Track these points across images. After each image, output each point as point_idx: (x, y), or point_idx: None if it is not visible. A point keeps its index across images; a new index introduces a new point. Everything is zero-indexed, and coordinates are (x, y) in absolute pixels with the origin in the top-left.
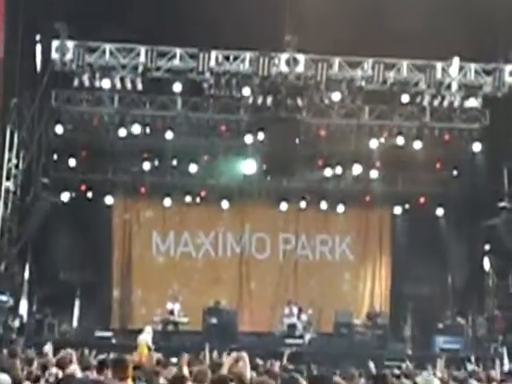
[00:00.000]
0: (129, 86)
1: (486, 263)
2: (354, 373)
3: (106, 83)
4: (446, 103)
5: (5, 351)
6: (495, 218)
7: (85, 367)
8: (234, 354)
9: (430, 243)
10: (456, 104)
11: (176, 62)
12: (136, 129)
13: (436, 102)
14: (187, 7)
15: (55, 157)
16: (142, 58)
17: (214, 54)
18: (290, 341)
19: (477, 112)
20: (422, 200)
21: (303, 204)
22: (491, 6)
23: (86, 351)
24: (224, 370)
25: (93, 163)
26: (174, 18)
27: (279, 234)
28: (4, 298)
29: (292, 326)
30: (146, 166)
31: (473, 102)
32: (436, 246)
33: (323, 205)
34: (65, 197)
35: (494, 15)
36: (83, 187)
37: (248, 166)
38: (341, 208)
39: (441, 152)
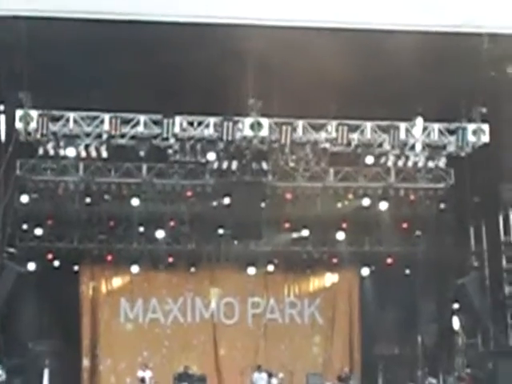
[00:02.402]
0: (93, 153)
1: (456, 322)
2: None
3: (70, 151)
4: (410, 163)
5: None
6: (463, 276)
7: None
8: None
9: (399, 303)
10: (420, 164)
11: (140, 128)
12: (102, 196)
13: (400, 163)
14: (150, 74)
15: (21, 226)
16: (106, 126)
17: (178, 119)
18: None
19: (441, 171)
20: (389, 260)
21: (271, 267)
22: (452, 66)
23: None
24: None
25: (59, 232)
26: (137, 85)
27: (248, 298)
28: None
29: None
30: (112, 233)
31: (437, 162)
32: (405, 306)
33: (291, 268)
34: (31, 266)
35: (455, 75)
36: (50, 256)
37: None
38: (308, 270)
39: (407, 212)
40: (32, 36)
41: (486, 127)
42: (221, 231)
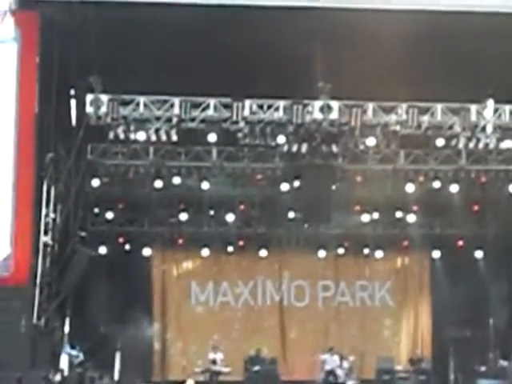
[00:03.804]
0: (163, 137)
1: None
2: None
3: (140, 135)
4: (481, 145)
5: None
6: None
7: None
8: None
9: (470, 286)
10: (491, 146)
11: (210, 112)
12: (172, 180)
13: (471, 145)
14: (220, 57)
15: (92, 210)
16: (176, 110)
17: (247, 103)
18: None
19: None
20: (460, 243)
21: (341, 250)
22: None
23: None
24: None
25: (130, 215)
26: (207, 68)
27: (318, 281)
28: (74, 352)
29: (333, 374)
30: (183, 216)
31: (508, 144)
32: (476, 288)
33: (361, 251)
34: (103, 250)
35: None
36: (121, 240)
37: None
38: (379, 253)
39: (478, 194)
40: (102, 20)
41: None
42: (291, 214)
